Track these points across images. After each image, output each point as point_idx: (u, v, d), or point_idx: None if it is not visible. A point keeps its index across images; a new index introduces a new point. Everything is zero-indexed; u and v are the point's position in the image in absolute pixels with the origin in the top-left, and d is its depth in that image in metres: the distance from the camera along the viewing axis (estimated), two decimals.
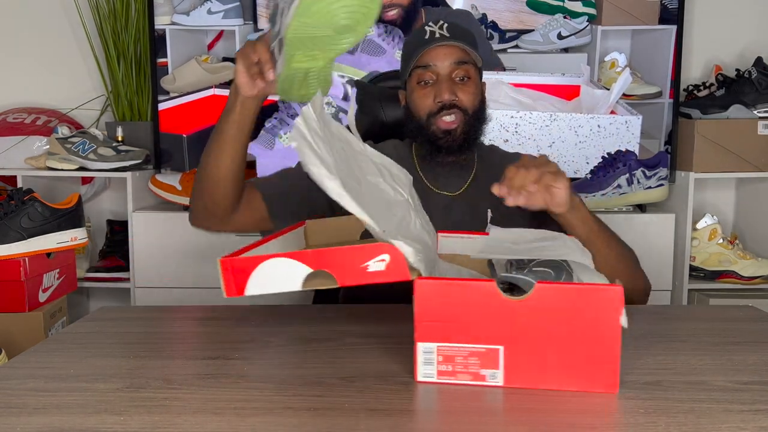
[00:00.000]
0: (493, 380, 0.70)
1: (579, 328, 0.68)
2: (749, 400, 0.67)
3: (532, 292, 0.68)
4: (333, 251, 0.73)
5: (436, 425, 0.64)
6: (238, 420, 0.63)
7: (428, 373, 0.71)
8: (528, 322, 0.69)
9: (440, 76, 1.24)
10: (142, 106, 2.32)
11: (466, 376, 0.70)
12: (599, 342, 0.68)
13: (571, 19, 2.16)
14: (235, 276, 0.75)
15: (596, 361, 0.68)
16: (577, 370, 0.69)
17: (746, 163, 2.08)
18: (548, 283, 0.69)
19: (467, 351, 0.70)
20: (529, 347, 0.69)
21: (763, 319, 0.98)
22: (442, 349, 0.70)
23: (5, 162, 2.13)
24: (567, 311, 0.68)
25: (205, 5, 2.14)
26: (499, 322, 0.69)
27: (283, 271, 0.74)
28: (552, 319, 0.68)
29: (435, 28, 1.26)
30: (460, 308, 0.69)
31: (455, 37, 1.24)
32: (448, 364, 0.70)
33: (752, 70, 2.10)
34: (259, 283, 0.74)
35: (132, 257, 2.08)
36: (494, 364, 0.70)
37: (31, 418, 0.64)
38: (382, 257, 0.71)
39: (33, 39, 2.40)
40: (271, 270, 0.74)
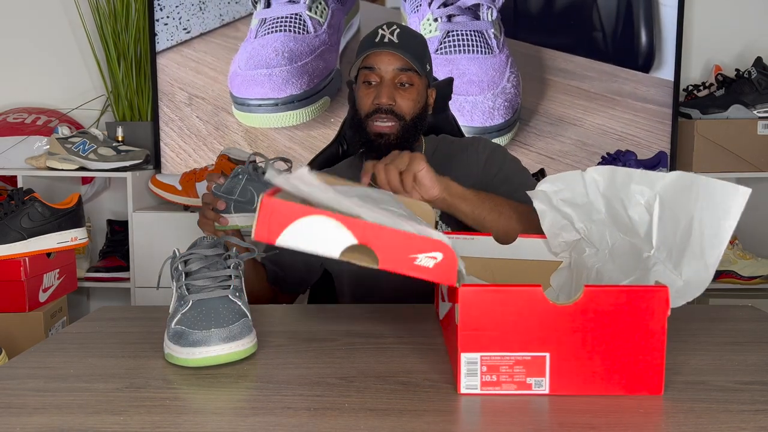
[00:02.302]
0: (538, 389, 0.69)
1: (625, 331, 0.68)
2: (749, 400, 0.67)
3: (580, 296, 0.67)
4: (388, 231, 0.67)
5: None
6: (238, 420, 0.63)
7: (471, 385, 0.68)
8: (574, 327, 0.68)
9: (383, 79, 1.30)
10: (142, 106, 2.32)
11: (511, 386, 0.68)
12: (645, 344, 0.68)
13: None
14: (273, 220, 0.67)
15: (642, 363, 0.68)
16: (622, 373, 0.68)
17: (746, 163, 2.08)
18: (596, 286, 0.68)
19: (512, 360, 0.68)
20: (576, 352, 0.68)
21: (763, 319, 0.98)
22: (486, 358, 0.68)
23: (5, 162, 2.13)
24: (613, 314, 0.67)
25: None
26: (546, 328, 0.67)
27: (327, 232, 0.67)
28: (598, 323, 0.67)
29: (387, 32, 1.31)
30: (505, 315, 0.67)
31: (402, 46, 1.29)
32: (493, 374, 0.68)
33: (752, 70, 2.10)
34: (296, 237, 0.67)
35: (132, 257, 2.08)
36: (540, 372, 0.68)
37: (31, 418, 0.64)
38: (434, 254, 0.67)
39: (33, 39, 2.40)
40: (315, 227, 0.67)
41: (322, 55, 2.27)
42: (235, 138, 2.31)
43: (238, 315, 0.79)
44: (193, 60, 2.30)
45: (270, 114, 2.29)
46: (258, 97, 2.28)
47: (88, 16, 2.32)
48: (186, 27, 2.29)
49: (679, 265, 0.74)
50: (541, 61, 2.28)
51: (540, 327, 0.68)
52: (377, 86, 1.31)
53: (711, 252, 0.70)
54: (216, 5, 2.28)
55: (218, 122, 2.31)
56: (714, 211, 0.71)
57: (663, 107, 2.25)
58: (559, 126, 2.28)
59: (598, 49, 2.26)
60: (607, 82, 2.27)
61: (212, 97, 2.31)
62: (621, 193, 0.86)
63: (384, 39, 1.30)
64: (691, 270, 0.72)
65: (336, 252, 0.67)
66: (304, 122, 2.29)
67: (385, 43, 1.29)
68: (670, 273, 0.75)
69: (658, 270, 0.77)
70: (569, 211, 0.95)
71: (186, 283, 0.83)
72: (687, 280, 0.72)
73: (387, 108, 1.29)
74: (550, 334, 0.68)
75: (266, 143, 2.30)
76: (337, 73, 2.28)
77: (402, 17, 2.27)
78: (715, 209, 0.71)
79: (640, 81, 2.25)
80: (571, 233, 0.97)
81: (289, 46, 2.26)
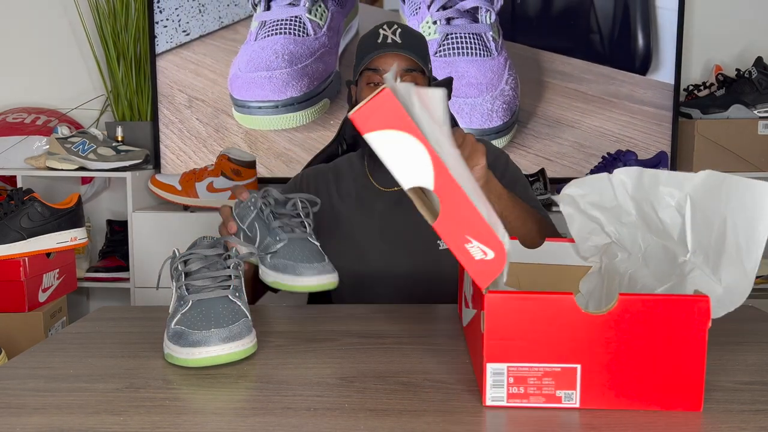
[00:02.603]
0: (568, 402, 0.65)
1: (662, 342, 0.64)
2: (749, 400, 0.67)
3: (615, 304, 0.64)
4: (465, 199, 0.62)
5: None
6: (238, 420, 0.63)
7: (497, 397, 0.65)
8: (608, 338, 0.64)
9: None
10: (142, 106, 2.32)
11: (539, 399, 0.65)
12: (683, 357, 0.64)
13: None
14: (380, 114, 0.60)
15: (679, 377, 0.64)
16: (658, 388, 0.65)
17: (746, 163, 2.08)
18: (631, 295, 0.64)
19: (541, 371, 0.64)
20: (608, 365, 0.64)
21: (763, 319, 0.98)
22: (513, 369, 0.65)
23: (5, 162, 2.13)
24: (650, 324, 0.64)
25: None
26: (577, 338, 0.64)
27: (414, 161, 0.61)
28: (633, 333, 0.64)
29: (388, 32, 1.29)
30: (534, 324, 0.64)
31: (405, 46, 1.28)
32: (520, 386, 0.65)
33: (752, 70, 2.10)
34: (385, 143, 0.61)
35: (132, 257, 2.08)
36: (571, 385, 0.65)
37: (31, 418, 0.63)
38: (487, 250, 0.63)
39: (33, 39, 2.40)
40: (408, 149, 0.61)
41: (322, 57, 2.27)
42: (235, 140, 2.31)
43: (238, 315, 0.79)
44: (192, 62, 2.30)
45: (270, 116, 2.29)
46: (258, 99, 2.28)
47: (87, 16, 2.32)
48: (185, 29, 2.29)
49: (718, 271, 0.69)
50: (538, 63, 2.28)
51: (571, 337, 0.64)
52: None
53: (749, 257, 0.66)
54: (215, 8, 2.28)
55: (218, 124, 2.32)
56: (746, 212, 0.67)
57: (660, 109, 2.25)
58: (557, 128, 2.28)
59: (595, 51, 2.27)
60: (605, 84, 2.27)
61: (212, 99, 2.31)
62: (650, 195, 0.82)
63: (387, 39, 1.29)
64: (730, 276, 0.68)
65: (407, 183, 0.63)
66: (303, 124, 2.30)
67: (389, 44, 1.28)
68: (708, 279, 0.71)
69: (696, 276, 0.73)
70: (597, 214, 0.91)
71: (186, 283, 0.83)
72: (727, 287, 0.68)
73: None
74: (581, 344, 0.64)
75: (266, 145, 2.31)
76: (336, 75, 2.28)
77: (401, 19, 2.27)
78: (747, 210, 0.67)
79: (638, 83, 2.26)
80: (602, 236, 0.93)
81: (289, 48, 2.26)
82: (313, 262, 0.95)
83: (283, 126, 2.30)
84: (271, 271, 0.96)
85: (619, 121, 2.27)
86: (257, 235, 1.01)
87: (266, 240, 0.99)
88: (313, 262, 0.95)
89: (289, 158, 2.29)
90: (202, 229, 2.02)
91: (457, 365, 0.78)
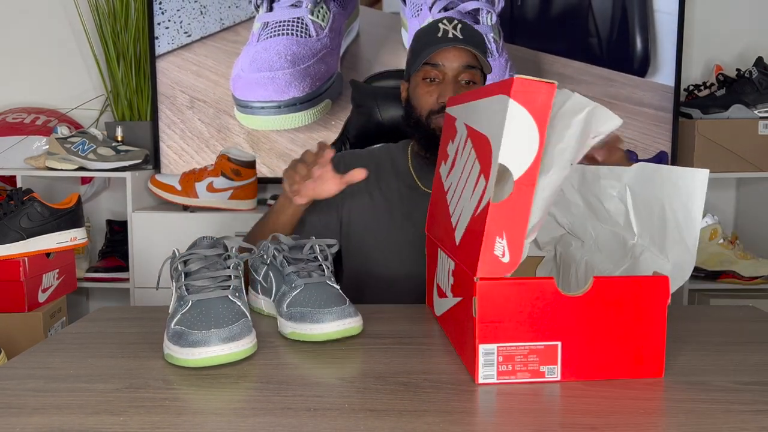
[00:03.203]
0: (551, 376, 0.71)
1: (630, 318, 0.71)
2: (749, 401, 0.67)
3: (590, 287, 0.70)
4: (526, 209, 0.68)
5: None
6: (238, 420, 0.63)
7: (488, 375, 0.71)
8: (584, 316, 0.70)
9: (447, 76, 1.26)
10: (141, 106, 2.32)
11: (525, 374, 0.71)
12: (647, 329, 0.71)
13: None
14: (535, 95, 0.65)
15: (644, 347, 0.71)
16: (627, 358, 0.71)
17: (746, 163, 2.08)
18: (604, 278, 0.71)
19: (527, 349, 0.70)
20: (585, 340, 0.71)
21: (763, 319, 0.98)
22: (502, 349, 0.70)
23: (5, 162, 2.13)
24: (619, 303, 0.71)
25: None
26: (558, 318, 0.70)
27: (522, 149, 0.67)
28: (605, 311, 0.71)
29: (449, 27, 1.26)
30: (521, 307, 0.70)
31: (467, 41, 1.25)
32: (508, 363, 0.70)
33: (753, 70, 2.10)
34: (516, 118, 0.66)
35: (132, 257, 2.08)
36: (553, 360, 0.71)
37: (30, 419, 0.63)
38: (507, 253, 0.68)
39: (33, 39, 2.40)
40: (526, 137, 0.66)
41: (324, 58, 2.27)
42: (237, 140, 2.31)
43: (237, 315, 0.79)
44: (194, 63, 2.30)
45: (272, 116, 2.29)
46: (261, 100, 2.28)
47: (87, 16, 2.32)
48: (187, 31, 2.29)
49: (664, 250, 0.76)
50: (538, 65, 2.28)
51: (553, 317, 0.70)
52: (439, 84, 1.27)
53: (689, 234, 0.72)
54: (216, 9, 2.28)
55: (220, 125, 2.32)
56: (681, 196, 0.72)
57: (659, 111, 2.25)
58: None
59: (593, 53, 2.26)
60: (604, 86, 2.27)
61: (213, 100, 2.31)
62: (593, 188, 0.89)
63: (448, 34, 1.26)
64: (676, 254, 0.74)
65: (501, 158, 0.67)
66: (305, 125, 2.30)
67: (450, 39, 1.25)
68: (657, 258, 0.77)
69: (647, 257, 0.79)
70: (551, 208, 0.97)
71: (185, 284, 0.83)
72: (675, 264, 0.74)
73: None
74: (562, 323, 0.70)
75: (268, 145, 2.31)
76: (338, 76, 2.28)
77: (401, 22, 2.27)
78: (681, 194, 0.72)
79: (637, 85, 2.26)
80: (556, 228, 1.01)
81: (291, 49, 2.26)
82: (332, 306, 0.85)
83: (285, 126, 2.30)
84: (287, 321, 0.87)
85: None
86: (272, 286, 0.94)
87: (282, 289, 0.91)
88: (332, 307, 0.85)
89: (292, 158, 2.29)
90: (202, 229, 2.02)
91: (457, 365, 0.77)
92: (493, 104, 0.71)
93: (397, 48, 2.30)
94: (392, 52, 2.30)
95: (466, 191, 0.79)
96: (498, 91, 0.70)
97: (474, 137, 0.79)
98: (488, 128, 0.73)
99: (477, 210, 0.72)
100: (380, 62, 2.30)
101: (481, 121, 0.77)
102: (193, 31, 2.29)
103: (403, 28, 2.28)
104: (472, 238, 0.73)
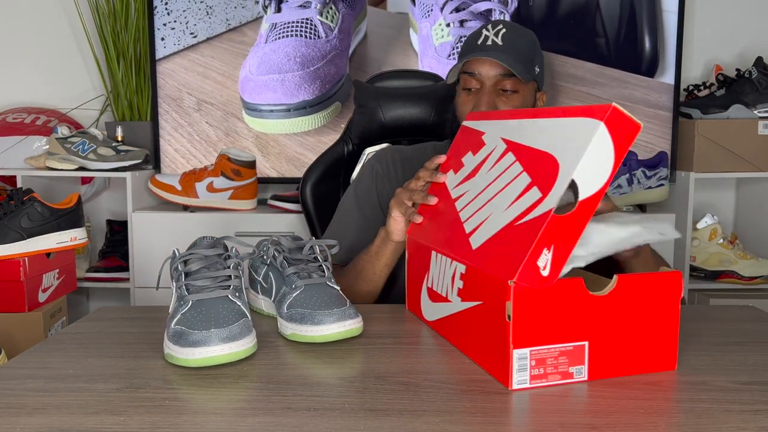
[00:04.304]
0: (579, 376, 0.72)
1: (648, 313, 0.73)
2: (749, 400, 0.67)
3: (614, 285, 0.72)
4: (581, 225, 0.69)
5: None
6: (238, 420, 0.63)
7: (522, 380, 0.70)
8: (608, 314, 0.72)
9: (484, 86, 1.22)
10: (141, 106, 2.32)
11: (556, 377, 0.71)
12: (664, 324, 0.74)
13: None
14: (620, 128, 0.69)
15: (660, 341, 0.74)
16: (645, 352, 0.74)
17: (746, 163, 2.08)
18: (625, 276, 0.72)
19: (557, 351, 0.71)
20: (609, 338, 0.72)
21: (763, 319, 0.98)
22: (535, 352, 0.70)
23: (5, 162, 2.13)
24: (639, 299, 0.73)
25: None
26: (585, 318, 0.71)
27: (599, 174, 0.69)
28: (627, 309, 0.73)
29: (491, 33, 1.22)
30: (552, 309, 0.70)
31: (506, 50, 1.19)
32: (540, 367, 0.71)
33: (752, 70, 2.10)
34: (601, 143, 0.69)
35: (132, 257, 2.08)
36: (581, 360, 0.72)
37: (30, 418, 0.63)
38: (548, 267, 0.69)
39: (33, 39, 2.40)
40: (603, 164, 0.69)
41: (333, 60, 2.25)
42: (245, 143, 2.29)
43: (237, 315, 0.79)
44: (200, 65, 2.29)
45: (282, 120, 2.27)
46: (270, 103, 2.26)
47: (87, 16, 2.32)
48: (193, 31, 2.28)
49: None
50: (549, 66, 2.27)
51: (581, 317, 0.71)
52: (477, 93, 1.22)
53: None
54: (223, 10, 2.27)
55: (228, 128, 2.29)
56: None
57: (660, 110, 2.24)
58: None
59: (601, 54, 2.25)
60: (618, 88, 2.26)
61: (221, 102, 2.29)
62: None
63: (487, 41, 1.21)
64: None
65: (576, 174, 0.68)
66: (315, 128, 2.28)
67: (488, 46, 1.20)
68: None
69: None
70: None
71: (186, 283, 0.83)
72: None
73: None
74: (588, 323, 0.71)
75: (277, 149, 2.29)
76: (347, 78, 2.27)
77: (410, 23, 2.26)
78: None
79: (638, 84, 2.25)
80: None
81: (301, 51, 2.24)
82: (333, 307, 0.85)
83: (294, 130, 2.27)
84: (287, 323, 0.86)
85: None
86: (273, 286, 0.94)
87: (282, 290, 0.91)
88: (332, 308, 0.85)
89: (301, 162, 2.27)
90: (202, 229, 2.02)
91: (457, 365, 0.78)
92: (573, 125, 0.72)
93: (406, 49, 2.28)
94: (401, 52, 2.28)
95: (498, 200, 0.79)
96: (586, 114, 0.71)
97: (523, 152, 0.80)
98: (556, 146, 0.73)
99: (520, 219, 0.72)
100: (388, 63, 2.28)
101: (543, 139, 0.77)
102: (199, 31, 2.28)
103: (412, 29, 2.26)
104: (509, 245, 0.72)
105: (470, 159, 0.94)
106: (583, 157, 0.67)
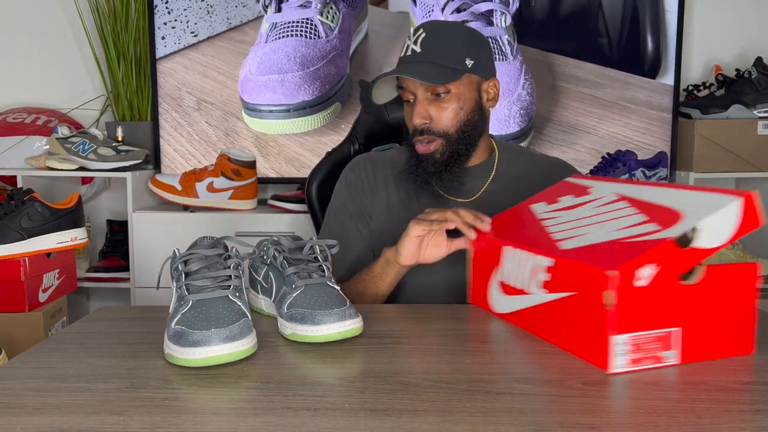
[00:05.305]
0: (670, 360, 0.76)
1: (730, 301, 0.79)
2: (749, 400, 0.67)
3: (704, 275, 0.77)
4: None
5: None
6: (238, 420, 0.63)
7: (621, 364, 0.75)
8: (697, 302, 0.77)
9: (415, 96, 1.20)
10: (142, 106, 2.32)
11: (649, 361, 0.76)
12: (743, 310, 0.79)
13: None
14: (747, 216, 0.78)
15: (740, 327, 0.79)
16: (728, 337, 0.79)
17: (746, 163, 2.08)
18: (713, 266, 0.77)
19: (652, 337, 0.75)
20: (698, 324, 0.77)
21: (763, 319, 0.98)
22: (632, 338, 0.75)
23: (5, 162, 2.14)
24: (724, 288, 0.78)
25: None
26: (677, 305, 0.76)
27: (722, 229, 0.77)
28: (714, 296, 0.78)
29: (411, 41, 1.19)
30: (647, 298, 0.74)
31: (424, 56, 1.16)
32: (637, 352, 0.75)
33: (752, 70, 2.11)
34: (729, 210, 0.77)
35: (132, 257, 2.08)
36: (673, 345, 0.76)
37: (31, 418, 0.63)
38: (650, 275, 0.74)
39: (33, 39, 2.40)
40: (725, 223, 0.77)
41: (334, 60, 2.25)
42: (245, 144, 2.29)
43: (238, 315, 0.79)
44: (200, 64, 2.29)
45: (281, 120, 2.26)
46: (270, 103, 2.25)
47: (87, 16, 2.32)
48: (193, 30, 2.28)
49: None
50: (550, 67, 2.27)
51: (673, 304, 0.76)
52: (413, 104, 1.20)
53: None
54: (223, 9, 2.27)
55: (227, 128, 2.29)
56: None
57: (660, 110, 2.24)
58: (573, 134, 2.27)
59: (603, 54, 2.25)
60: (620, 89, 2.26)
61: (220, 102, 2.29)
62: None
63: (408, 52, 1.18)
64: None
65: (703, 225, 0.76)
66: (315, 128, 2.27)
67: (407, 58, 1.19)
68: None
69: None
70: None
71: (186, 283, 0.83)
72: None
73: (423, 128, 1.19)
74: (680, 310, 0.76)
75: (276, 149, 2.29)
76: (347, 78, 2.26)
77: (411, 22, 2.26)
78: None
79: (639, 84, 2.25)
80: None
81: (301, 51, 2.24)
82: (333, 307, 0.85)
83: (294, 130, 2.27)
84: (287, 322, 0.86)
85: (619, 122, 2.26)
86: (273, 286, 0.94)
87: (282, 290, 0.91)
88: (332, 308, 0.85)
89: (301, 163, 2.28)
90: (202, 229, 2.02)
91: (457, 365, 0.78)
92: (708, 197, 0.81)
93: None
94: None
95: (602, 225, 0.86)
96: (726, 191, 0.79)
97: (640, 203, 0.87)
98: (682, 204, 0.81)
99: (628, 239, 0.78)
100: (389, 63, 2.27)
101: (668, 200, 0.84)
102: (200, 30, 2.28)
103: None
104: (611, 251, 0.78)
105: (570, 199, 0.99)
106: (714, 214, 0.75)
